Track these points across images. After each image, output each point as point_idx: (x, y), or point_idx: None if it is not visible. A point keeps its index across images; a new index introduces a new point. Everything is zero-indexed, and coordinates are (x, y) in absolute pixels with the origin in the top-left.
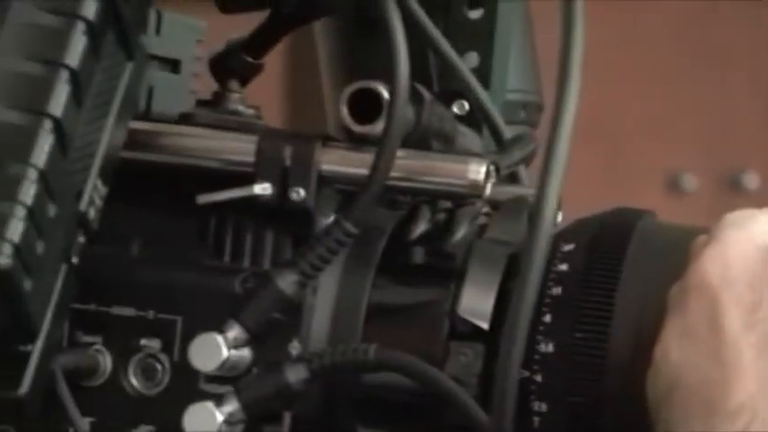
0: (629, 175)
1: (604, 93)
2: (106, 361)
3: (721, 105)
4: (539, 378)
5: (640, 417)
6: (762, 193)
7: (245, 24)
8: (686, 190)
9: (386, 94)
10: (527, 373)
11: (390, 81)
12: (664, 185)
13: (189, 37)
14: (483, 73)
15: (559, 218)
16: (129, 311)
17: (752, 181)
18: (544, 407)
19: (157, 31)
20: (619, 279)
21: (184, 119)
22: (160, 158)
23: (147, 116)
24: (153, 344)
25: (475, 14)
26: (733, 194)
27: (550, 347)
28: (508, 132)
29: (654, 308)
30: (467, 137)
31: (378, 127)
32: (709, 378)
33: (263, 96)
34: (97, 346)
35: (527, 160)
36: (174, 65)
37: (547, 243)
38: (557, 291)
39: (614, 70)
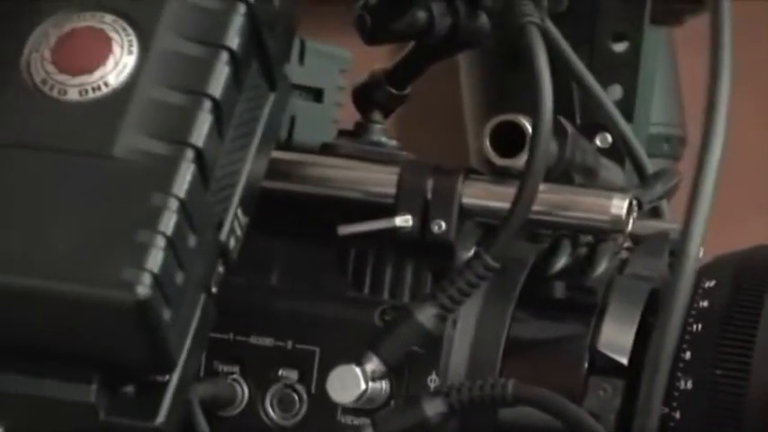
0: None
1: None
2: (243, 391)
3: None
4: (677, 415)
5: None
6: None
7: (389, 54)
8: None
9: (529, 128)
10: (666, 410)
11: (533, 114)
12: None
13: (332, 66)
14: (626, 106)
15: (701, 253)
16: (267, 341)
17: None
18: None
19: (301, 60)
20: (761, 317)
21: (326, 149)
22: (302, 189)
23: (288, 146)
24: (291, 374)
25: (620, 47)
26: None
27: (689, 384)
28: (651, 166)
29: None
30: (610, 170)
31: (520, 160)
32: None
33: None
34: (234, 376)
35: (669, 194)
36: (317, 94)
37: (691, 278)
38: (697, 327)
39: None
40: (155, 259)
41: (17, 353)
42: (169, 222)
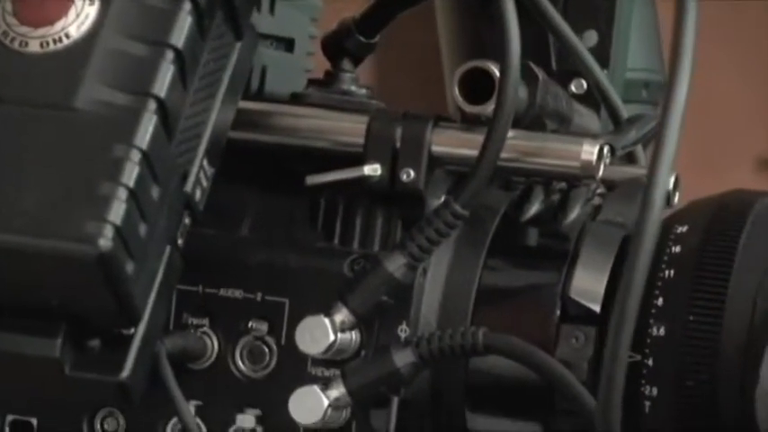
0: (721, 157)
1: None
2: (213, 343)
3: None
4: (650, 362)
5: (753, 404)
6: None
7: (360, 2)
8: None
9: (497, 74)
10: (638, 357)
11: (500, 60)
12: (754, 167)
13: (303, 15)
14: (602, 52)
15: (676, 199)
16: (236, 293)
17: None
18: (655, 391)
19: (271, 9)
20: (734, 262)
21: (296, 99)
22: (270, 139)
23: (259, 96)
24: (260, 326)
25: None
26: None
27: (662, 331)
28: (628, 112)
29: None
30: (584, 116)
31: (490, 107)
32: None
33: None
34: (204, 329)
35: (646, 140)
36: (288, 44)
37: (657, 224)
38: (669, 273)
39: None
40: (117, 212)
41: None
42: (131, 174)
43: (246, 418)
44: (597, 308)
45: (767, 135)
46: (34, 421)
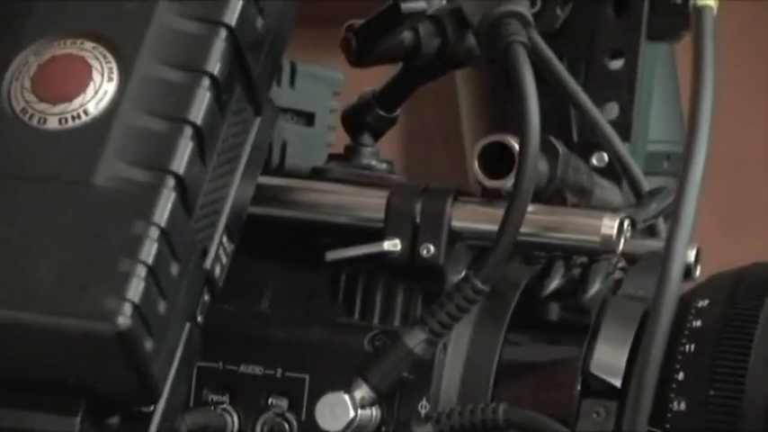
0: (751, 215)
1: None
2: (233, 420)
3: None
4: None
5: None
6: None
7: (382, 75)
8: None
9: (517, 148)
10: (658, 431)
11: (520, 134)
12: None
13: (325, 89)
14: (623, 124)
15: (698, 272)
16: (256, 370)
17: None
18: None
19: (292, 83)
20: (754, 337)
21: (316, 173)
22: (291, 214)
23: (280, 171)
24: (281, 403)
25: (616, 65)
26: None
27: (683, 406)
28: (650, 184)
29: None
30: (606, 189)
31: (510, 181)
32: None
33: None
34: (224, 406)
35: (667, 213)
36: (308, 118)
37: (674, 299)
38: (690, 348)
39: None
40: (136, 289)
41: (0, 385)
42: (150, 251)
43: None
44: (618, 382)
45: None
46: None
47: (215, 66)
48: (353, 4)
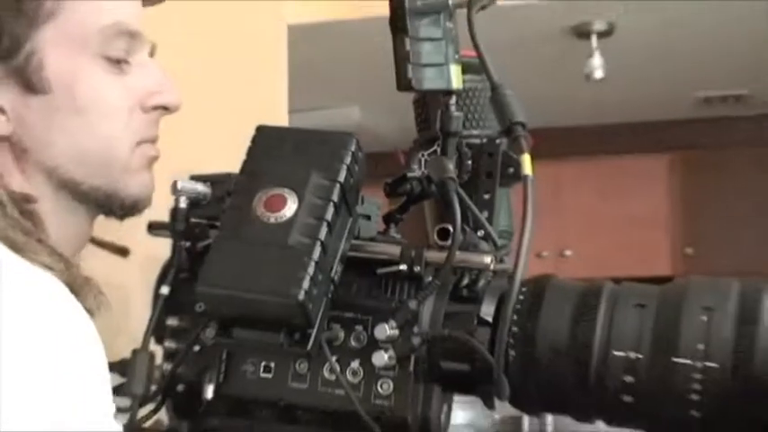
0: None
1: None
2: None
3: None
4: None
5: None
6: None
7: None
8: None
9: (451, 230)
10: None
11: (452, 229)
12: None
13: (375, 206)
14: (490, 219)
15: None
16: None
17: None
18: None
19: (362, 203)
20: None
21: (378, 235)
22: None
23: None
24: None
25: (486, 196)
26: None
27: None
28: (500, 242)
29: None
30: (482, 245)
31: (448, 242)
32: None
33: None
34: None
35: (506, 254)
36: (368, 218)
37: (518, 283)
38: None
39: None
40: (307, 276)
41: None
42: (310, 268)
43: None
44: (490, 318)
45: None
46: None
47: (336, 196)
48: (388, 171)
